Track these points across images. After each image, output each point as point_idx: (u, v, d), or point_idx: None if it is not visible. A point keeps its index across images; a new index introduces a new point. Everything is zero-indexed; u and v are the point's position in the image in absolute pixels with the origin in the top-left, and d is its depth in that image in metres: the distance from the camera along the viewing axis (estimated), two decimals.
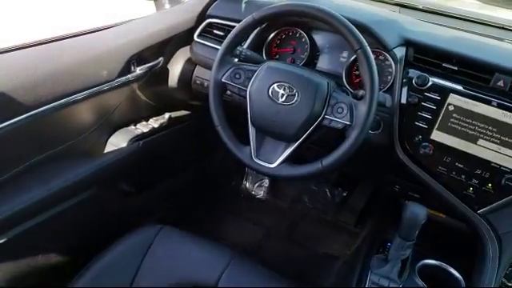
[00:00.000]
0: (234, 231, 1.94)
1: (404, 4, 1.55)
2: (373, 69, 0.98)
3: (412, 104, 1.11)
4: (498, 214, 1.07)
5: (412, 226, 1.05)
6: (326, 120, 1.03)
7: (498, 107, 1.05)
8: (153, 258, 1.12)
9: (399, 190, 1.30)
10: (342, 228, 2.01)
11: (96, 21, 1.42)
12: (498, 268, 1.07)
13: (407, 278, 1.13)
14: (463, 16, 1.48)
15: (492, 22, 1.45)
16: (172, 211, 1.82)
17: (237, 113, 1.13)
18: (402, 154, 1.13)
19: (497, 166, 1.05)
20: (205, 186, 2.05)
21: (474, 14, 1.49)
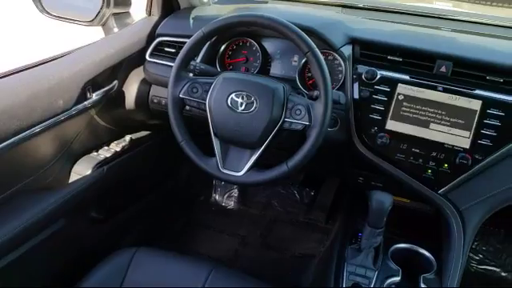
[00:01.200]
0: (209, 244, 1.95)
1: (346, 4, 1.62)
2: (324, 69, 1.03)
3: (364, 98, 1.16)
4: (457, 191, 1.13)
5: (379, 213, 1.10)
6: (286, 123, 1.06)
7: (443, 91, 1.12)
8: (132, 282, 1.11)
9: (363, 182, 1.35)
10: (314, 226, 2.05)
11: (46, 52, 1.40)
12: (464, 242, 1.14)
13: (382, 263, 1.18)
14: (403, 10, 1.56)
15: (429, 12, 1.54)
16: (145, 232, 1.80)
17: (199, 126, 1.15)
18: (361, 146, 1.18)
19: (450, 146, 1.11)
20: (175, 204, 2.04)
21: (412, 7, 1.58)
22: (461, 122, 1.10)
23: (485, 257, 1.92)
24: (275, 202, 2.17)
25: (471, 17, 1.51)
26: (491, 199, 1.13)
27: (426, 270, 1.19)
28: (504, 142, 1.08)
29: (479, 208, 1.14)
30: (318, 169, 1.73)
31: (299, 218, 2.11)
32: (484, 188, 1.13)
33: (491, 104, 1.09)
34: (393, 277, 1.14)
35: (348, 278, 1.13)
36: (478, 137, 1.09)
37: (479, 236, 1.93)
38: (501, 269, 1.89)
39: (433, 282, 1.15)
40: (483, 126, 1.09)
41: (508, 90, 1.10)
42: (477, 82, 1.12)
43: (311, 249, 1.92)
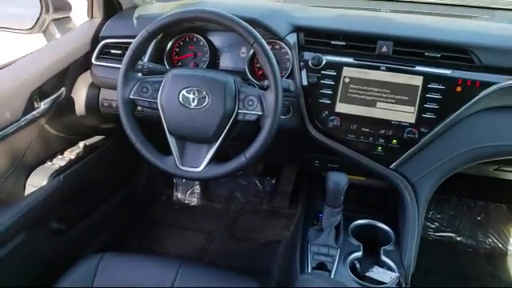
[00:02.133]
0: (176, 243, 1.95)
1: None
2: (271, 59, 1.05)
3: (313, 84, 1.20)
4: (407, 164, 1.19)
5: (336, 193, 1.14)
6: (240, 115, 1.08)
7: (386, 71, 1.17)
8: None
9: (320, 165, 1.39)
10: (278, 213, 2.09)
11: None
12: (418, 212, 1.20)
13: (343, 240, 1.22)
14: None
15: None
16: (109, 238, 1.78)
17: (153, 126, 1.15)
18: (314, 130, 1.22)
19: (397, 122, 1.16)
20: (137, 206, 2.03)
21: None
22: (405, 98, 1.16)
23: (440, 224, 2.02)
24: (238, 194, 2.20)
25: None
26: (439, 169, 1.20)
27: (386, 242, 1.25)
28: (446, 113, 1.15)
29: (429, 178, 1.20)
30: (276, 157, 1.76)
31: (263, 206, 2.14)
32: (432, 159, 1.19)
33: (431, 79, 1.15)
34: (355, 252, 1.19)
35: (313, 259, 1.16)
36: (422, 111, 1.15)
37: (433, 205, 2.03)
38: (456, 234, 2.00)
39: (392, 253, 1.20)
40: (426, 100, 1.15)
41: (446, 64, 1.16)
42: (417, 59, 1.17)
43: (277, 235, 1.96)
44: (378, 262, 1.19)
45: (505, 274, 1.85)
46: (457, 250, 1.96)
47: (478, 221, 2.03)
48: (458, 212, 2.04)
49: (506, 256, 1.94)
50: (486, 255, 1.94)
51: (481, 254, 1.95)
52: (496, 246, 1.97)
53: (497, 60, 1.15)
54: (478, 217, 2.03)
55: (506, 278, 1.82)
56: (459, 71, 1.15)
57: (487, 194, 2.04)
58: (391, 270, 1.15)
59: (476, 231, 2.00)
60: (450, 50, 1.16)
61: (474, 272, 1.85)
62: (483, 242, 1.98)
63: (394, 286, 1.10)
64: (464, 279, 1.80)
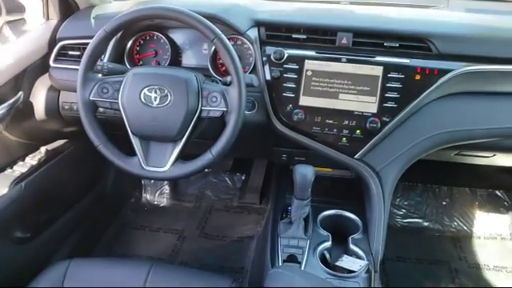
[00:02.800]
0: (147, 245, 1.92)
1: None
2: (232, 54, 1.05)
3: (276, 78, 1.20)
4: (371, 154, 1.21)
5: (303, 185, 1.14)
6: (204, 111, 1.07)
7: (347, 62, 1.19)
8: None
9: (287, 158, 1.40)
10: (250, 209, 2.10)
11: None
12: (384, 199, 1.22)
13: (312, 232, 1.24)
14: None
15: None
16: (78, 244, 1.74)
17: (116, 127, 1.12)
18: (280, 125, 1.23)
19: (359, 113, 1.18)
20: (105, 210, 1.99)
21: None
22: (366, 88, 1.18)
23: (407, 210, 2.07)
24: (208, 192, 2.19)
25: None
26: (403, 156, 1.22)
27: (354, 231, 1.27)
28: (406, 102, 1.17)
29: (393, 166, 1.23)
30: (244, 152, 1.77)
31: (234, 203, 2.14)
32: (395, 147, 1.22)
33: (391, 68, 1.17)
34: (324, 243, 1.20)
35: (283, 251, 1.17)
36: (383, 100, 1.17)
37: (400, 192, 2.08)
38: (423, 219, 2.06)
39: (361, 242, 1.23)
40: (387, 89, 1.17)
41: (404, 53, 1.18)
42: (376, 50, 1.19)
43: (249, 230, 1.96)
44: (347, 250, 1.20)
45: (471, 255, 1.91)
46: (424, 235, 2.02)
47: (443, 205, 2.09)
48: (423, 198, 2.09)
49: (472, 238, 2.00)
50: (453, 238, 2.00)
51: (447, 237, 2.01)
52: (461, 229, 2.03)
53: (453, 48, 1.18)
54: (443, 201, 2.09)
55: (472, 260, 1.89)
56: (417, 60, 1.17)
57: (451, 179, 2.10)
58: (360, 258, 1.17)
59: (442, 216, 2.06)
60: (407, 39, 1.18)
61: (441, 255, 1.90)
62: (449, 226, 2.04)
63: (364, 273, 1.11)
64: (432, 263, 1.85)
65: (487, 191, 2.10)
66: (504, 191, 2.09)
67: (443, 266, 1.85)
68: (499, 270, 1.83)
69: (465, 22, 1.32)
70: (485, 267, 1.84)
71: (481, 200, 2.10)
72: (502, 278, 1.80)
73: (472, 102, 1.22)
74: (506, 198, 2.09)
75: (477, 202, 2.09)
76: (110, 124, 1.16)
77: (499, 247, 1.96)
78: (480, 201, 2.10)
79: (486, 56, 1.18)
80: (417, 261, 1.86)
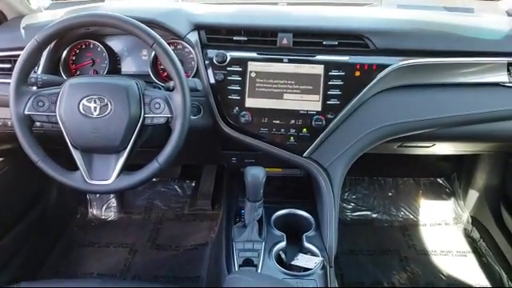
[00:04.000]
0: (97, 262, 1.85)
1: None
2: (173, 58, 1.02)
3: (220, 81, 1.19)
4: (319, 151, 1.23)
5: (255, 187, 1.14)
6: (148, 119, 1.04)
7: (289, 62, 1.20)
8: None
9: (237, 161, 1.39)
10: (202, 215, 2.07)
11: None
12: (333, 194, 1.24)
13: (267, 233, 1.23)
14: None
15: None
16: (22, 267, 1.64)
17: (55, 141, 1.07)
18: (227, 128, 1.21)
19: (304, 112, 1.20)
20: (50, 228, 1.89)
21: None
22: (309, 87, 1.19)
23: (356, 204, 2.13)
24: (158, 202, 2.14)
25: None
26: (349, 151, 1.25)
27: (307, 228, 1.28)
28: (349, 98, 1.20)
29: (340, 162, 1.25)
30: (192, 158, 1.74)
31: (185, 211, 2.10)
32: (341, 143, 1.24)
33: (332, 66, 1.19)
34: (279, 243, 1.20)
35: (238, 256, 1.16)
36: (326, 98, 1.19)
37: (347, 187, 2.13)
38: (371, 211, 2.12)
39: (314, 239, 1.24)
40: (329, 87, 1.19)
41: (343, 51, 1.21)
42: (316, 49, 1.21)
43: (203, 237, 1.94)
44: (301, 249, 1.21)
45: (419, 242, 1.99)
46: (374, 227, 2.07)
47: (389, 196, 2.16)
48: (370, 190, 2.15)
49: (418, 226, 2.08)
50: (401, 227, 2.07)
51: (396, 227, 2.08)
52: (408, 218, 2.11)
53: (389, 43, 1.22)
54: (389, 193, 2.16)
55: (420, 246, 1.96)
56: (356, 56, 1.20)
57: (395, 171, 2.17)
58: (315, 255, 1.17)
59: (389, 206, 2.13)
60: (345, 37, 1.21)
61: (391, 245, 1.96)
62: (397, 216, 2.12)
63: (319, 270, 1.12)
64: (384, 253, 1.91)
65: (429, 180, 2.20)
66: (445, 178, 2.19)
67: (394, 255, 1.91)
68: (446, 254, 1.92)
69: (398, 18, 1.37)
70: (432, 253, 1.92)
71: (424, 189, 2.19)
72: (449, 261, 1.88)
73: (411, 95, 1.27)
74: (447, 185, 2.19)
75: (420, 191, 2.18)
76: (48, 138, 1.10)
77: (444, 232, 2.06)
78: (423, 189, 2.19)
79: (420, 50, 1.23)
80: (368, 252, 1.91)
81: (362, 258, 1.88)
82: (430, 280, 1.78)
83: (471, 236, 2.01)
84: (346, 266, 1.80)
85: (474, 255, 1.92)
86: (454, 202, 2.15)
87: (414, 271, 1.82)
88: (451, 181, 2.18)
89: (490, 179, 1.94)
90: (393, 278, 1.79)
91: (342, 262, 1.80)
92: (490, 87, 1.29)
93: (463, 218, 2.09)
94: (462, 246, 1.98)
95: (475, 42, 1.27)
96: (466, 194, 2.08)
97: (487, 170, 1.94)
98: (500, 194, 1.89)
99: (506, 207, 1.83)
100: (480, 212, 2.00)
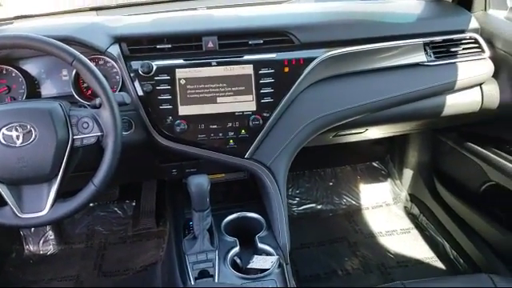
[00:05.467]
0: None
1: (99, 7, 1.56)
2: (96, 74, 0.97)
3: (149, 92, 1.15)
4: (260, 150, 1.23)
5: (201, 196, 1.11)
6: (77, 141, 0.98)
7: (218, 65, 1.18)
8: None
9: (177, 172, 1.36)
10: (147, 235, 1.99)
11: None
12: (279, 191, 1.24)
13: (219, 241, 1.21)
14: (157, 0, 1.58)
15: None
16: None
17: None
18: (163, 139, 1.18)
19: (240, 113, 1.19)
20: None
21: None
22: (242, 88, 1.19)
23: (301, 198, 2.15)
24: (99, 227, 2.03)
25: None
26: (289, 147, 1.26)
27: (259, 229, 1.27)
28: (281, 94, 1.21)
29: (282, 158, 1.26)
30: (130, 176, 1.67)
31: (129, 232, 2.02)
32: (280, 139, 1.25)
33: (261, 65, 1.19)
34: (232, 249, 1.18)
35: (193, 269, 1.12)
36: (260, 97, 1.19)
37: (290, 182, 2.15)
38: (316, 203, 2.15)
39: (267, 238, 1.23)
40: (261, 86, 1.19)
41: (270, 48, 1.22)
42: (243, 49, 1.21)
43: (152, 257, 1.86)
44: (256, 250, 1.20)
45: (365, 226, 2.05)
46: (320, 218, 2.11)
47: (330, 186, 2.21)
48: (311, 183, 2.19)
49: (361, 210, 2.15)
50: (346, 215, 2.12)
51: (341, 215, 2.13)
52: (351, 204, 2.17)
53: (312, 36, 1.24)
54: (330, 182, 2.21)
55: (366, 230, 2.02)
56: (283, 53, 1.22)
57: (333, 160, 2.23)
58: (270, 255, 1.17)
59: (332, 196, 2.18)
60: (270, 34, 1.22)
61: (339, 233, 2.00)
62: (340, 204, 2.17)
63: (276, 269, 1.12)
64: (333, 242, 1.95)
65: (365, 164, 2.27)
66: (379, 161, 2.28)
67: (343, 242, 1.95)
68: (391, 233, 1.99)
69: (318, 11, 1.41)
70: (378, 234, 1.99)
71: (361, 174, 2.26)
72: (394, 240, 1.95)
73: (339, 85, 1.30)
74: (382, 167, 2.28)
75: (358, 177, 2.25)
76: None
77: (386, 213, 2.14)
78: (361, 175, 2.26)
79: (342, 40, 1.27)
80: (319, 243, 1.94)
81: (313, 250, 1.91)
82: (380, 261, 1.84)
83: (411, 212, 2.10)
84: (299, 261, 1.81)
85: (416, 230, 2.00)
86: (391, 183, 2.24)
87: (363, 255, 1.87)
88: (386, 163, 2.27)
89: (421, 156, 2.04)
90: (345, 264, 1.83)
91: (295, 258, 1.81)
92: (411, 68, 1.35)
93: (402, 196, 2.18)
94: (404, 223, 2.06)
95: (391, 27, 1.34)
96: (401, 173, 2.17)
97: (418, 148, 2.03)
98: (432, 169, 1.99)
99: (440, 181, 1.93)
100: (416, 188, 2.10)
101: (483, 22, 1.42)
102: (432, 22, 1.40)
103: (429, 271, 1.77)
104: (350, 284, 1.72)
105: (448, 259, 1.81)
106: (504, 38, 1.37)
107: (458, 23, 1.40)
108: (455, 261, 1.78)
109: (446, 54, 1.37)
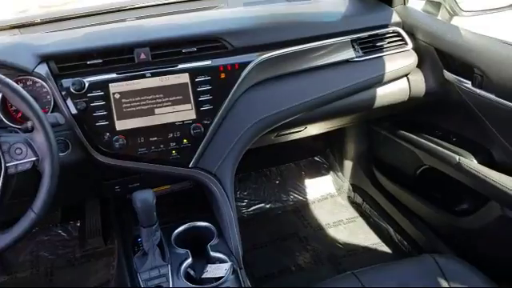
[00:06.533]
0: None
1: (22, 24, 1.48)
2: (25, 96, 0.93)
3: (83, 110, 1.12)
4: (204, 158, 1.22)
5: (147, 211, 1.09)
6: (11, 168, 0.94)
7: (153, 76, 1.17)
8: None
9: (121, 189, 1.32)
10: (96, 254, 1.93)
11: None
12: (228, 197, 1.24)
13: (170, 254, 1.19)
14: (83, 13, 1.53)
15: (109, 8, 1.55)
16: None
17: None
18: (102, 157, 1.14)
19: (180, 123, 1.18)
20: None
21: (89, 8, 1.55)
22: (180, 97, 1.18)
23: (249, 199, 2.17)
24: (44, 253, 1.94)
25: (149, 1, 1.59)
26: (232, 152, 1.26)
27: (211, 238, 1.26)
28: (220, 100, 1.21)
29: (227, 164, 1.26)
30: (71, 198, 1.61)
31: (77, 254, 1.94)
32: (224, 145, 1.25)
33: (196, 73, 1.19)
34: (185, 261, 1.16)
35: (147, 286, 1.10)
36: (199, 105, 1.19)
37: (238, 185, 2.16)
38: (264, 203, 2.18)
39: (219, 246, 1.23)
40: (199, 94, 1.19)
41: (204, 55, 1.22)
42: (177, 58, 1.20)
43: (103, 276, 1.81)
44: (209, 259, 1.19)
45: (313, 220, 2.10)
46: (270, 217, 2.14)
47: (277, 184, 2.25)
48: (258, 183, 2.22)
49: (308, 204, 2.20)
50: (294, 211, 2.17)
51: (289, 211, 2.17)
52: (298, 200, 2.22)
53: (244, 41, 1.26)
54: (276, 181, 2.25)
55: (315, 224, 2.08)
56: (218, 59, 1.22)
57: (277, 159, 2.27)
58: (223, 262, 1.17)
59: (279, 194, 2.22)
60: (203, 41, 1.22)
61: (289, 229, 2.05)
62: (287, 201, 2.21)
63: (231, 275, 1.12)
64: (284, 239, 1.99)
65: (308, 160, 2.33)
66: (320, 155, 2.35)
67: (294, 238, 1.99)
68: (338, 224, 2.06)
69: (248, 15, 1.43)
70: (326, 226, 2.05)
71: (305, 169, 2.32)
72: (342, 230, 2.03)
73: (276, 86, 1.33)
74: (323, 160, 2.35)
75: (303, 172, 2.31)
76: None
77: (332, 204, 2.21)
78: (305, 170, 2.32)
79: (273, 42, 1.30)
80: (271, 242, 1.97)
81: (265, 249, 1.93)
82: (331, 252, 1.90)
83: (355, 201, 2.18)
84: (253, 262, 1.83)
85: (361, 218, 2.09)
86: (333, 175, 2.31)
87: (314, 248, 1.92)
88: (327, 156, 2.34)
89: (358, 147, 2.12)
90: (297, 260, 1.88)
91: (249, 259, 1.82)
92: (342, 65, 1.41)
93: (345, 187, 2.25)
94: (349, 212, 2.14)
95: (319, 27, 1.38)
96: (342, 165, 2.25)
97: (355, 140, 2.11)
98: (370, 158, 2.08)
99: (378, 169, 2.02)
100: (357, 178, 2.18)
101: (404, 15, 1.50)
102: (357, 19, 1.46)
103: (376, 256, 1.85)
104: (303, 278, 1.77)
105: (393, 243, 1.90)
106: (424, 29, 1.46)
107: (380, 18, 1.47)
108: (400, 244, 1.87)
109: (373, 49, 1.43)
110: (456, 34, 1.39)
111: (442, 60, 1.43)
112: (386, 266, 1.25)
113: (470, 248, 1.52)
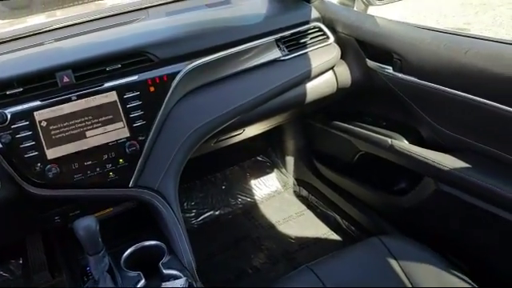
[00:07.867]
0: None
1: None
2: None
3: (9, 143, 1.06)
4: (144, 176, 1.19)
5: (91, 239, 1.04)
6: None
7: (79, 99, 1.13)
8: None
9: (61, 219, 1.26)
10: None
11: None
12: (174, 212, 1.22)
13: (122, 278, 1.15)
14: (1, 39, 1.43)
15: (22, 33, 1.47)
16: None
17: None
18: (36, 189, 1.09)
19: (114, 142, 1.15)
20: None
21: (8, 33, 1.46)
22: (110, 117, 1.15)
23: (197, 209, 2.15)
24: None
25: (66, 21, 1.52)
26: (173, 165, 1.24)
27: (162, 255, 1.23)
28: (152, 115, 1.19)
29: (169, 177, 1.24)
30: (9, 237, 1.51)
31: None
32: (163, 159, 1.23)
33: (124, 90, 1.16)
34: (138, 283, 1.13)
35: None
36: (131, 122, 1.16)
37: (184, 196, 2.13)
38: (213, 210, 2.17)
39: (171, 262, 1.20)
40: (129, 111, 1.16)
41: (130, 71, 1.19)
42: (102, 77, 1.17)
43: None
44: (162, 278, 1.17)
45: (263, 219, 2.12)
46: (220, 222, 2.13)
47: (223, 190, 2.24)
48: (205, 191, 2.20)
49: (257, 205, 2.22)
50: (243, 213, 2.17)
51: (239, 214, 2.17)
52: (246, 202, 2.23)
53: (170, 51, 1.25)
54: (222, 186, 2.25)
55: (265, 222, 2.10)
56: (145, 73, 1.20)
57: (220, 164, 2.26)
58: (177, 278, 1.14)
59: (227, 199, 2.22)
60: (127, 57, 1.20)
61: (241, 232, 2.05)
62: (236, 204, 2.22)
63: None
64: (237, 243, 1.99)
65: (251, 160, 2.35)
66: (263, 155, 2.37)
67: (246, 240, 2.00)
68: (288, 219, 2.09)
69: (171, 25, 1.42)
70: (277, 223, 2.07)
71: (249, 170, 2.34)
72: (292, 225, 2.06)
73: (209, 92, 1.33)
74: (266, 159, 2.37)
75: (247, 174, 2.32)
76: None
77: (279, 201, 2.23)
78: (249, 171, 2.33)
79: (199, 50, 1.30)
80: (224, 248, 1.96)
81: (220, 257, 1.92)
82: (284, 248, 1.93)
83: (301, 195, 2.23)
84: (209, 272, 1.81)
85: (309, 210, 2.13)
86: (277, 172, 2.34)
87: (268, 247, 1.94)
88: (269, 154, 2.37)
89: (298, 142, 2.16)
90: (253, 262, 1.88)
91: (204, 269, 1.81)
92: (270, 65, 1.43)
93: (290, 182, 2.29)
94: (297, 206, 2.18)
95: (243, 30, 1.40)
96: (284, 161, 2.28)
97: (293, 135, 2.16)
98: (310, 151, 2.13)
99: (319, 160, 2.07)
100: (301, 172, 2.23)
101: (322, 10, 1.55)
102: (278, 18, 1.49)
103: (328, 246, 1.90)
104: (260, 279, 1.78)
105: (342, 230, 1.95)
106: (342, 22, 1.52)
107: (300, 16, 1.51)
108: (348, 230, 1.93)
109: (297, 47, 1.47)
110: (373, 23, 1.45)
111: (363, 49, 1.50)
112: (337, 254, 1.28)
113: (412, 225, 1.60)
